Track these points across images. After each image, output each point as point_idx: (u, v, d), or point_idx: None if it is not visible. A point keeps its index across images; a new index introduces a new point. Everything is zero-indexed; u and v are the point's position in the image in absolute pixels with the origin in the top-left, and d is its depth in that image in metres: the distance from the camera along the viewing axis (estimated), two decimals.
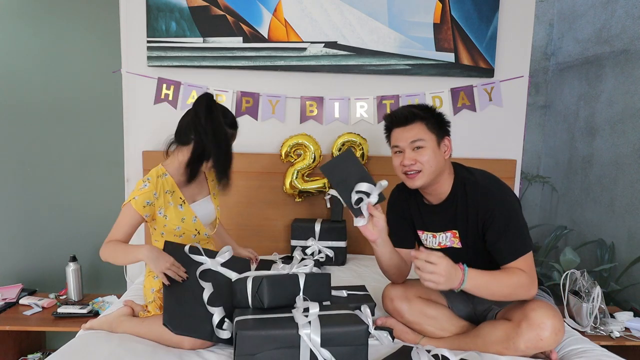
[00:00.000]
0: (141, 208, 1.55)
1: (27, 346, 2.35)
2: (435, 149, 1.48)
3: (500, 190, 1.47)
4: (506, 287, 1.36)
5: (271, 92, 2.41)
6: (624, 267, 2.54)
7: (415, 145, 1.48)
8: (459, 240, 1.53)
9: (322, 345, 1.20)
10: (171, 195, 1.63)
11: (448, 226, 1.54)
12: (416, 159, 1.47)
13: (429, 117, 1.51)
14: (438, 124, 1.52)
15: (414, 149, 1.48)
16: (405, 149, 1.49)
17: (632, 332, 2.01)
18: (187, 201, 1.67)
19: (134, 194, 1.56)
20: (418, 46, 2.38)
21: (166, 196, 1.61)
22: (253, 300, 1.37)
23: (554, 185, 3.38)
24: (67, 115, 2.54)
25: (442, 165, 1.49)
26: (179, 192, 1.64)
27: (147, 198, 1.56)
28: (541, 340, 1.30)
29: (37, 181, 2.57)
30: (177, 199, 1.64)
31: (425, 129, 1.49)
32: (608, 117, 2.83)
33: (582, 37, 3.12)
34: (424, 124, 1.49)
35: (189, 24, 2.32)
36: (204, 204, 1.74)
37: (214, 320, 1.37)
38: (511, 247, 1.40)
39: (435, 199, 1.55)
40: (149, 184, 1.57)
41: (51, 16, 2.48)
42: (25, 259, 2.60)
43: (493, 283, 1.35)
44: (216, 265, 1.54)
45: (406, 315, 1.55)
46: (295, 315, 1.25)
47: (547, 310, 1.32)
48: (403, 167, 1.50)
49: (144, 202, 1.55)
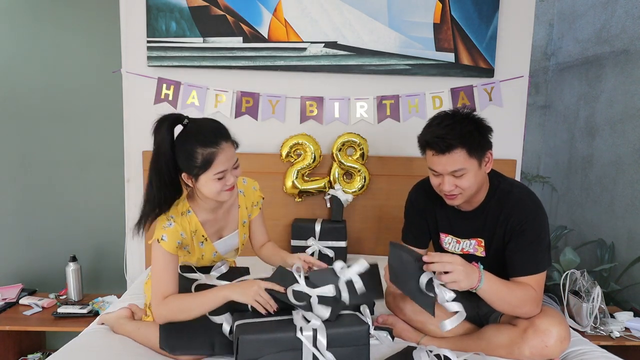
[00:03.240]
0: (174, 249, 1.39)
1: (27, 346, 2.35)
2: (477, 170, 1.38)
3: (535, 205, 1.43)
4: (516, 298, 1.34)
5: (271, 92, 2.41)
6: (624, 267, 2.54)
7: (455, 174, 1.38)
8: (484, 249, 1.50)
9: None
10: (194, 234, 1.49)
11: (475, 234, 1.51)
12: (457, 185, 1.39)
13: (471, 140, 1.35)
14: (480, 143, 1.38)
15: (454, 176, 1.38)
16: (444, 174, 1.39)
17: (632, 332, 2.01)
18: (210, 239, 1.53)
19: (159, 233, 1.39)
20: (418, 46, 2.38)
21: (191, 236, 1.48)
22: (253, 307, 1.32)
23: (554, 185, 3.38)
24: (67, 115, 2.54)
25: (482, 181, 1.43)
26: (202, 231, 1.50)
27: (177, 238, 1.40)
28: (546, 348, 1.30)
29: (37, 181, 2.57)
30: (199, 237, 1.50)
31: (466, 155, 1.35)
32: (608, 117, 2.83)
33: (582, 37, 3.12)
34: (465, 150, 1.35)
35: (189, 24, 2.32)
36: (229, 240, 1.60)
37: (225, 330, 1.33)
38: (528, 263, 1.38)
39: (466, 207, 1.51)
40: (174, 224, 1.40)
41: (51, 16, 2.48)
42: (25, 259, 2.59)
43: (505, 290, 1.34)
44: (212, 280, 1.48)
45: (408, 312, 1.54)
46: (294, 318, 1.24)
47: (553, 318, 1.32)
48: (442, 191, 1.42)
49: (175, 243, 1.40)
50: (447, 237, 1.58)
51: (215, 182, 1.37)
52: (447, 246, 1.59)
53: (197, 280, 1.48)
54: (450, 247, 1.58)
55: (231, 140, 1.42)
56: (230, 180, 1.40)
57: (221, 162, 1.36)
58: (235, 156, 1.42)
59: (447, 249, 1.59)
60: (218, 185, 1.38)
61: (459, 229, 1.55)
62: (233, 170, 1.41)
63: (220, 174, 1.37)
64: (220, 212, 1.54)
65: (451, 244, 1.57)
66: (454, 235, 1.56)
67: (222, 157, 1.36)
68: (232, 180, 1.40)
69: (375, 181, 2.39)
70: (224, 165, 1.37)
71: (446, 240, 1.58)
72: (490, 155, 1.43)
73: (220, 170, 1.36)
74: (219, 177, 1.37)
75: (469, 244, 1.53)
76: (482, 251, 1.51)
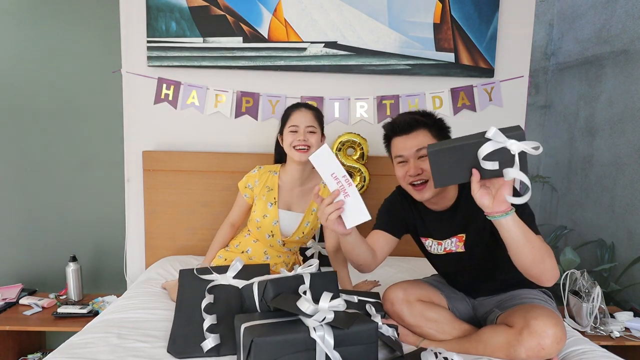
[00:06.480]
0: (243, 188, 1.84)
1: (27, 346, 2.35)
2: None
3: None
4: (537, 247, 1.25)
5: (271, 92, 2.41)
6: (624, 267, 2.54)
7: (420, 153, 1.43)
8: (463, 244, 1.52)
9: (334, 346, 1.18)
10: (267, 191, 1.82)
11: (454, 231, 1.52)
12: (422, 168, 1.42)
13: (432, 123, 1.47)
14: (440, 131, 1.48)
15: (419, 158, 1.44)
16: (409, 158, 1.45)
17: (632, 332, 2.01)
18: (279, 204, 1.82)
19: (245, 175, 1.87)
20: (418, 46, 2.38)
21: (263, 190, 1.82)
22: (260, 304, 1.35)
23: (554, 185, 3.38)
24: (67, 115, 2.54)
25: None
26: (275, 193, 1.82)
27: (250, 182, 1.84)
28: (543, 349, 1.29)
29: (37, 181, 2.57)
30: (270, 197, 1.82)
31: (430, 135, 1.45)
32: (608, 117, 2.83)
33: (582, 37, 3.12)
34: (428, 130, 1.45)
35: (189, 24, 2.32)
36: (292, 216, 1.84)
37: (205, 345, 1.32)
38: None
39: (440, 206, 1.53)
40: (257, 171, 1.85)
41: (51, 16, 2.48)
42: (25, 259, 2.59)
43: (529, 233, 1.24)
44: (228, 280, 1.51)
45: (407, 318, 1.54)
46: (302, 318, 1.21)
47: (549, 319, 1.31)
48: (409, 177, 1.45)
49: (246, 183, 1.84)
50: (428, 241, 1.60)
51: (289, 135, 1.76)
52: (429, 249, 1.61)
53: (213, 281, 1.51)
54: (433, 250, 1.60)
55: (312, 111, 1.81)
56: (301, 136, 1.73)
57: (296, 118, 1.78)
58: (313, 123, 1.78)
59: (431, 251, 1.61)
60: (290, 137, 1.75)
61: (436, 231, 1.57)
62: (307, 132, 1.76)
63: (293, 127, 1.76)
64: (298, 190, 1.85)
65: (433, 247, 1.59)
66: (433, 237, 1.58)
67: (298, 115, 1.78)
68: (302, 137, 1.73)
69: (375, 181, 2.38)
70: (297, 121, 1.76)
71: (427, 244, 1.61)
72: None
73: (294, 124, 1.76)
74: (292, 130, 1.76)
75: (450, 243, 1.55)
76: (461, 246, 1.52)
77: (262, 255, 1.88)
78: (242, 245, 1.90)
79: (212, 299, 1.45)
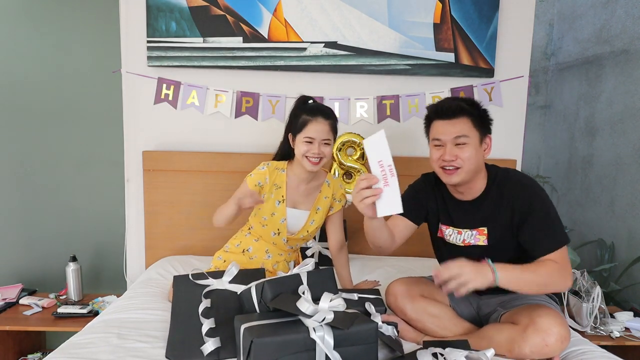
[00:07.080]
0: (253, 186, 1.78)
1: (27, 346, 2.36)
2: (478, 146, 1.45)
3: (534, 182, 1.48)
4: (541, 277, 1.34)
5: (271, 92, 2.41)
6: (624, 267, 2.54)
7: (458, 141, 1.44)
8: (486, 237, 1.51)
9: (334, 346, 1.18)
10: (276, 189, 1.80)
11: (477, 224, 1.52)
12: (457, 155, 1.43)
13: (476, 112, 1.46)
14: (482, 121, 1.48)
15: (457, 145, 1.44)
16: (447, 143, 1.45)
17: (632, 332, 2.01)
18: (286, 202, 1.81)
19: (253, 171, 1.80)
20: (418, 46, 2.38)
21: (272, 188, 1.80)
22: (259, 306, 1.34)
23: (554, 185, 3.38)
24: (67, 115, 2.54)
25: (481, 164, 1.47)
26: (284, 191, 1.80)
27: (260, 179, 1.78)
28: (546, 347, 1.30)
29: (37, 181, 2.57)
30: (279, 195, 1.81)
31: (471, 125, 1.45)
32: (608, 117, 2.83)
33: (582, 37, 3.12)
34: (470, 119, 1.45)
35: (189, 24, 2.32)
36: (299, 214, 1.84)
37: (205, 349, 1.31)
38: (547, 239, 1.40)
39: (467, 196, 1.53)
40: (266, 168, 1.80)
41: (51, 16, 2.48)
42: (25, 259, 2.60)
43: (528, 273, 1.34)
44: (224, 284, 1.51)
45: (409, 312, 1.54)
46: (302, 319, 1.21)
47: (554, 318, 1.32)
48: (442, 161, 1.46)
49: (256, 181, 1.78)
50: (448, 229, 1.59)
51: (303, 144, 1.70)
52: (449, 238, 1.60)
53: (209, 286, 1.51)
54: (451, 239, 1.59)
55: (330, 121, 1.72)
56: (315, 149, 1.69)
57: (313, 129, 1.69)
58: (329, 135, 1.72)
59: (449, 240, 1.60)
60: (305, 147, 1.70)
61: (459, 220, 1.56)
62: (322, 144, 1.70)
63: (308, 139, 1.69)
64: (304, 188, 1.83)
65: (452, 235, 1.59)
66: (455, 226, 1.58)
67: (315, 126, 1.70)
68: (316, 150, 1.69)
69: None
70: (314, 134, 1.69)
71: (448, 232, 1.60)
72: (489, 142, 1.50)
73: (309, 135, 1.69)
74: (307, 141, 1.69)
75: (470, 235, 1.54)
76: (484, 240, 1.52)
77: (264, 254, 1.88)
78: (242, 245, 1.89)
79: (209, 303, 1.44)
